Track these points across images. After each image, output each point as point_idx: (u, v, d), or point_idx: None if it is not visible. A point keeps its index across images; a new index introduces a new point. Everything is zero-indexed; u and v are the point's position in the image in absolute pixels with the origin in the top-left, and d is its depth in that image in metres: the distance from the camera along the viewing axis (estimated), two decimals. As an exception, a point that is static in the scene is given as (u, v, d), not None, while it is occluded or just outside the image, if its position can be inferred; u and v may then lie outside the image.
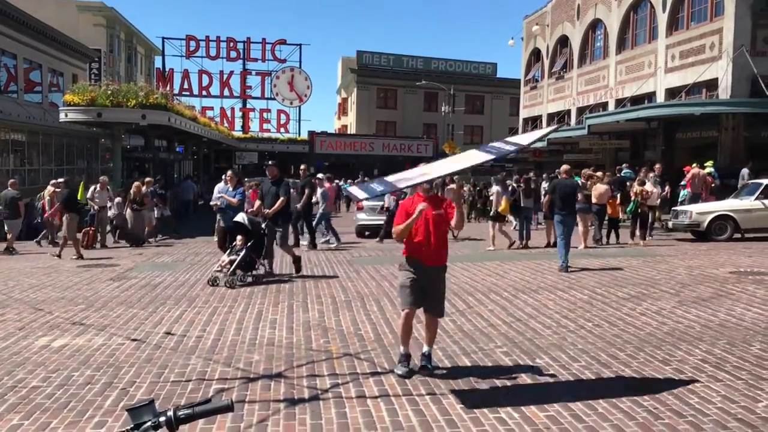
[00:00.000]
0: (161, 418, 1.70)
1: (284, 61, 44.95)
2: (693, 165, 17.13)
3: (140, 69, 47.56)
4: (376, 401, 4.59)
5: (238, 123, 45.78)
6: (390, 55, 51.60)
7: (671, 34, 23.01)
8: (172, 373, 5.28)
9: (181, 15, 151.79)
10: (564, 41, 31.98)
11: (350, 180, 32.88)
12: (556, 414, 4.29)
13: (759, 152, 18.92)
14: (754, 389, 4.72)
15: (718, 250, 12.82)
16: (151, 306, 8.01)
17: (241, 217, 9.83)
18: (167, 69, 43.91)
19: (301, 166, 15.35)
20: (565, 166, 12.17)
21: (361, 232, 17.08)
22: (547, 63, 33.70)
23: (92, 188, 16.32)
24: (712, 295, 8.21)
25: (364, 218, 16.99)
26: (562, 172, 11.82)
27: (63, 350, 5.99)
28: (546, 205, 12.57)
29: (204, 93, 44.17)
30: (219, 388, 4.94)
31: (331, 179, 17.47)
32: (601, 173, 15.78)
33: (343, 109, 60.22)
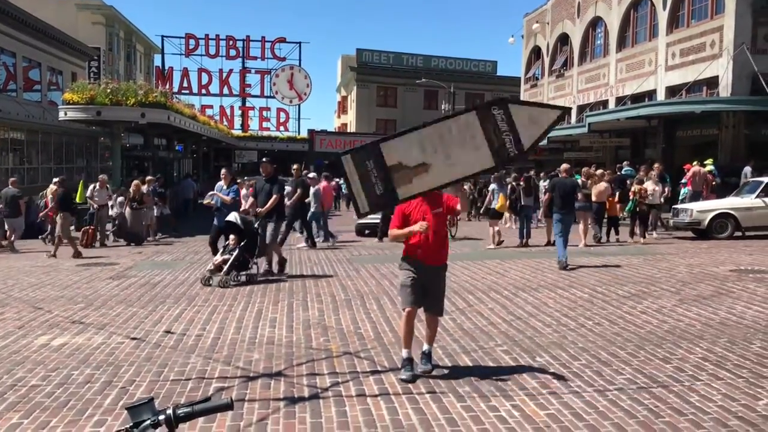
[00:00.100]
0: (161, 417, 1.70)
1: (284, 59, 44.93)
2: (694, 163, 17.13)
3: (139, 67, 47.55)
4: (376, 400, 4.59)
5: (237, 121, 45.78)
6: (390, 53, 51.55)
7: (672, 31, 22.99)
8: (171, 372, 5.28)
9: (181, 13, 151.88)
10: (564, 39, 31.95)
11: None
12: (557, 412, 4.29)
13: (759, 150, 18.92)
14: (755, 387, 4.71)
15: (718, 248, 12.81)
16: (150, 305, 8.01)
17: (233, 217, 9.70)
18: (166, 67, 43.91)
19: (293, 166, 15.19)
20: (565, 165, 12.16)
21: (361, 230, 17.07)
22: (547, 61, 33.67)
23: (91, 187, 16.31)
24: (713, 293, 8.20)
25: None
26: (562, 171, 11.80)
27: (62, 349, 5.98)
28: (545, 203, 12.56)
29: (203, 91, 44.14)
30: (219, 387, 4.93)
31: (329, 178, 17.40)
32: (601, 171, 15.76)
33: (342, 108, 60.20)
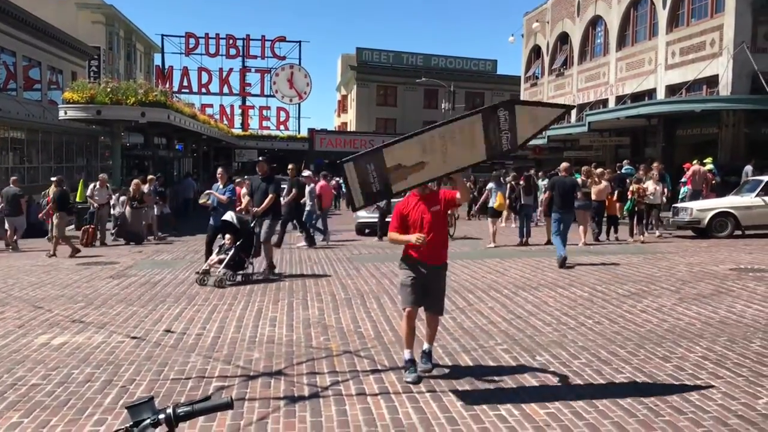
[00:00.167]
0: (161, 416, 1.70)
1: (284, 58, 44.87)
2: (694, 162, 17.12)
3: (139, 66, 47.53)
4: (376, 399, 4.59)
5: (237, 120, 45.73)
6: (390, 52, 51.51)
7: (671, 30, 22.98)
8: (171, 371, 5.28)
9: (181, 12, 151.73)
10: (564, 38, 31.93)
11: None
12: (557, 411, 4.29)
13: (759, 149, 18.92)
14: (755, 386, 4.71)
15: (718, 247, 12.81)
16: (150, 304, 8.01)
17: (229, 216, 9.62)
18: (167, 66, 43.82)
19: (288, 166, 15.10)
20: (564, 164, 12.15)
21: (361, 229, 17.07)
22: (547, 60, 33.66)
23: (92, 186, 16.32)
24: (713, 292, 8.21)
25: (364, 216, 16.94)
26: (562, 170, 11.80)
27: (63, 348, 5.98)
28: (545, 202, 12.56)
29: (203, 90, 44.09)
30: (219, 386, 4.93)
31: (327, 176, 17.36)
32: (601, 170, 15.76)
33: (342, 107, 60.17)
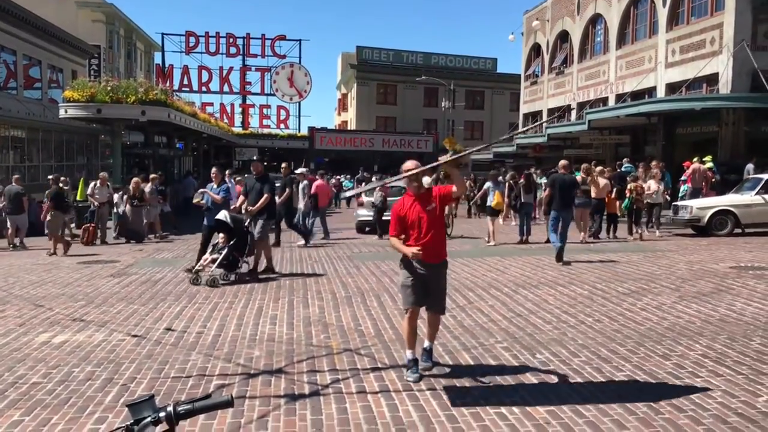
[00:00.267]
0: (161, 414, 1.70)
1: (284, 56, 44.86)
2: (694, 160, 17.11)
3: (140, 65, 47.48)
4: (376, 397, 4.59)
5: (237, 119, 45.73)
6: (390, 51, 51.48)
7: (671, 28, 22.97)
8: (172, 369, 5.29)
9: (181, 11, 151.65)
10: (564, 36, 31.91)
11: (350, 176, 32.89)
12: (557, 409, 4.29)
13: (760, 147, 18.90)
14: (755, 384, 4.72)
15: (718, 245, 12.81)
16: (151, 302, 8.02)
17: (223, 215, 9.56)
18: (167, 65, 43.81)
19: (282, 164, 15.06)
20: (563, 161, 12.17)
21: (362, 228, 17.07)
22: (547, 58, 33.63)
23: (92, 184, 16.32)
24: (713, 290, 8.21)
25: (364, 214, 16.95)
26: (561, 167, 11.82)
27: (63, 346, 5.99)
28: (546, 200, 12.58)
29: (204, 89, 44.09)
30: (219, 384, 4.94)
31: (324, 175, 17.32)
32: (601, 168, 15.76)
33: (342, 105, 60.16)
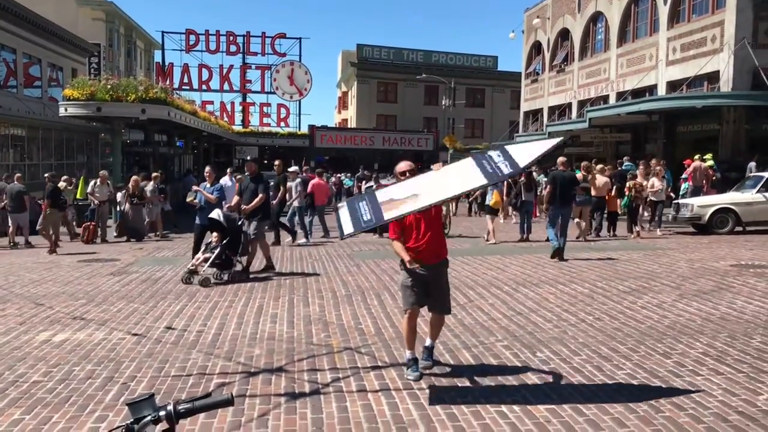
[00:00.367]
0: (161, 413, 1.69)
1: (284, 54, 44.78)
2: (695, 158, 17.09)
3: (140, 63, 47.46)
4: (376, 395, 4.59)
5: (238, 117, 45.65)
6: (390, 49, 51.44)
7: (672, 26, 22.95)
8: (172, 368, 5.29)
9: (181, 9, 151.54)
10: (565, 34, 31.89)
11: (350, 174, 32.89)
12: (557, 407, 4.29)
13: (760, 145, 18.90)
14: (755, 382, 4.72)
15: (719, 243, 12.81)
16: (151, 301, 8.02)
17: (216, 214, 9.50)
18: (167, 63, 43.72)
19: (275, 162, 14.95)
20: (561, 158, 12.21)
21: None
22: (548, 56, 33.62)
23: (92, 183, 16.32)
24: (713, 288, 8.21)
25: None
26: (560, 164, 11.85)
27: (64, 345, 5.99)
28: (547, 197, 12.59)
29: (204, 87, 43.98)
30: (220, 383, 4.94)
31: (322, 174, 17.26)
32: (601, 166, 15.76)
33: (343, 103, 60.14)
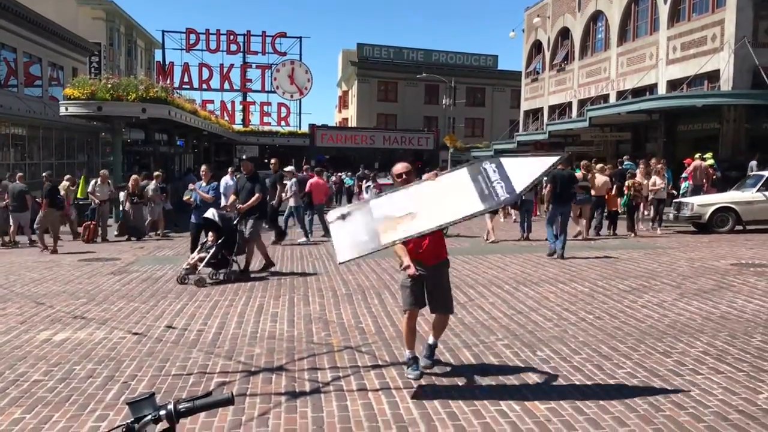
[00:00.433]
0: (162, 412, 1.70)
1: (284, 54, 44.78)
2: (695, 156, 17.08)
3: (140, 62, 47.46)
4: (377, 394, 4.60)
5: (238, 116, 45.66)
6: (390, 48, 51.45)
7: (673, 25, 22.93)
8: (173, 367, 5.29)
9: (181, 8, 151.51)
10: (565, 33, 31.87)
11: (350, 173, 32.89)
12: (557, 406, 4.29)
13: (761, 144, 18.89)
14: (755, 381, 4.72)
15: (719, 242, 12.81)
16: (152, 300, 8.03)
17: (210, 213, 9.45)
18: (167, 62, 43.74)
19: (271, 161, 14.82)
20: None
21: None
22: (548, 55, 33.60)
23: (93, 182, 16.32)
24: (714, 287, 8.21)
25: None
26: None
27: (64, 344, 6.00)
28: (548, 195, 12.60)
29: (204, 86, 44.00)
30: (220, 382, 4.95)
31: (321, 173, 17.24)
32: (601, 165, 15.75)
33: (343, 102, 60.15)
